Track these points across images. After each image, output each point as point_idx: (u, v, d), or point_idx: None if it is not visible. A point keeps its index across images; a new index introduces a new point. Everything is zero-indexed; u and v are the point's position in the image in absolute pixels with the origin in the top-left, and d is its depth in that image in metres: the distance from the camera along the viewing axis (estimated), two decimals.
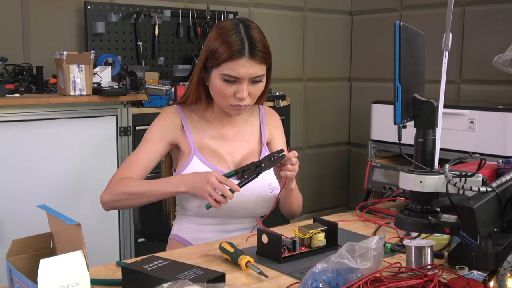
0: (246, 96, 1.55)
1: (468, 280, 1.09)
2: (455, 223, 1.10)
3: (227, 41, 1.52)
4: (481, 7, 3.58)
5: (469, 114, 2.98)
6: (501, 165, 1.72)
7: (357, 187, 4.47)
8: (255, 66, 1.53)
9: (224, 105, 1.60)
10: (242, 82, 1.54)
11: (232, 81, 1.54)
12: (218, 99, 1.60)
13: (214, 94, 1.60)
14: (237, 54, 1.51)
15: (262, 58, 1.54)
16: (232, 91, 1.55)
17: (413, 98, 1.14)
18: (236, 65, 1.52)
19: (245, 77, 1.53)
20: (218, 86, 1.56)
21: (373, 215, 1.72)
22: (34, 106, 2.55)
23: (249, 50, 1.52)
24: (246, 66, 1.52)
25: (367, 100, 3.79)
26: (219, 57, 1.53)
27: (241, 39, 1.52)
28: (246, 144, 1.71)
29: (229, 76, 1.53)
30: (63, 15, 3.15)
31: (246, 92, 1.55)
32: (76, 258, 0.92)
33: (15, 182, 2.54)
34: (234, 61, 1.51)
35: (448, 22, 1.79)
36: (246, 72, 1.53)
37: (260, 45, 1.54)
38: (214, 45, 1.55)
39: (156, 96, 2.97)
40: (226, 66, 1.52)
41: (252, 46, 1.52)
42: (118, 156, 2.83)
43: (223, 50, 1.52)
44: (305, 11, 4.20)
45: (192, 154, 1.63)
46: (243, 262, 1.23)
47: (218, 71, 1.54)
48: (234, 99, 1.56)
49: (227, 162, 1.65)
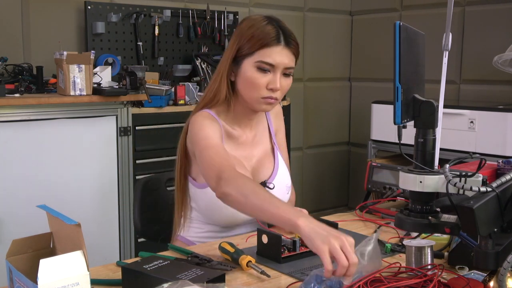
0: (279, 87, 1.51)
1: (468, 280, 1.09)
2: (455, 223, 1.11)
3: (262, 29, 1.50)
4: (481, 7, 3.58)
5: (469, 114, 2.98)
6: (501, 165, 1.72)
7: (357, 187, 4.47)
8: (289, 55, 1.51)
9: (255, 98, 1.53)
10: (276, 71, 1.50)
11: (266, 70, 1.50)
12: (249, 91, 1.53)
13: (244, 86, 1.53)
14: (274, 40, 1.49)
15: (295, 49, 1.53)
16: (265, 81, 1.50)
17: (413, 98, 1.14)
18: (273, 52, 1.49)
19: (280, 65, 1.50)
20: (250, 76, 1.50)
21: (373, 215, 1.72)
22: (34, 106, 2.55)
23: (284, 38, 1.50)
24: (282, 54, 1.50)
25: (367, 100, 3.79)
26: (253, 44, 1.49)
27: (275, 28, 1.51)
28: (261, 146, 1.68)
29: (265, 64, 1.49)
30: (63, 15, 3.15)
31: (279, 83, 1.50)
32: (76, 258, 0.92)
33: (15, 182, 2.54)
34: (270, 47, 1.48)
35: (448, 22, 1.79)
36: (281, 60, 1.50)
37: (293, 36, 1.53)
38: (247, 34, 1.51)
39: (156, 96, 2.97)
40: (262, 53, 1.49)
41: (286, 35, 1.51)
42: (118, 156, 2.83)
43: (258, 37, 1.49)
44: (305, 11, 4.20)
45: None
46: (244, 262, 1.23)
47: (252, 59, 1.50)
48: (266, 91, 1.51)
49: (244, 166, 1.61)
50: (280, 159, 1.69)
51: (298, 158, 4.22)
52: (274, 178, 1.64)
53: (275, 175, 1.65)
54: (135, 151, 2.91)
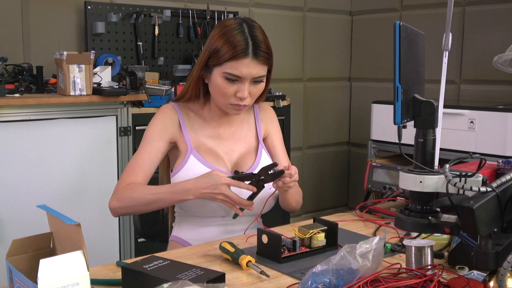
0: (247, 96, 1.55)
1: (468, 280, 1.09)
2: (455, 223, 1.10)
3: (231, 40, 1.52)
4: (481, 7, 3.58)
5: (469, 114, 2.98)
6: (501, 165, 1.72)
7: (357, 187, 4.47)
8: (258, 66, 1.53)
9: (224, 104, 1.59)
10: (244, 81, 1.54)
11: (234, 80, 1.54)
12: (218, 97, 1.59)
13: (214, 92, 1.60)
14: (241, 53, 1.51)
15: (265, 59, 1.55)
16: (233, 90, 1.55)
17: (413, 98, 1.14)
18: (240, 64, 1.51)
19: (247, 77, 1.53)
20: (219, 84, 1.55)
21: (373, 215, 1.72)
22: (34, 106, 2.55)
23: (253, 50, 1.52)
24: (250, 66, 1.52)
25: (367, 100, 3.79)
26: (222, 56, 1.52)
27: (245, 38, 1.52)
28: (243, 143, 1.71)
29: (231, 75, 1.52)
30: (63, 15, 3.15)
31: (247, 92, 1.55)
32: (76, 258, 0.92)
33: (15, 182, 2.54)
34: (237, 60, 1.51)
35: (448, 22, 1.79)
36: (249, 72, 1.52)
37: (263, 45, 1.54)
38: (218, 43, 1.54)
39: (156, 96, 2.97)
40: (229, 65, 1.52)
41: (256, 46, 1.52)
42: (118, 156, 2.84)
43: (226, 49, 1.51)
44: (305, 11, 4.20)
45: (188, 153, 1.62)
46: (244, 261, 1.23)
47: (221, 69, 1.54)
48: (235, 98, 1.56)
49: (224, 161, 1.65)
50: (264, 156, 1.70)
51: (298, 158, 4.22)
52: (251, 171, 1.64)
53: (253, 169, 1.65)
54: (135, 151, 2.89)
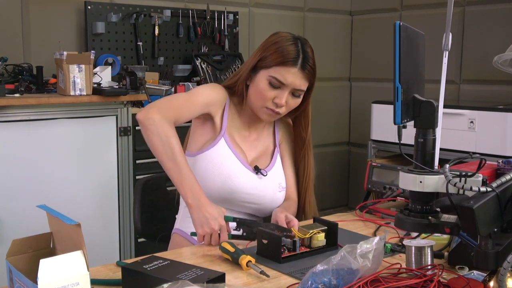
0: (283, 104, 1.61)
1: (468, 280, 1.09)
2: (455, 223, 1.10)
3: (285, 48, 1.60)
4: (481, 7, 3.58)
5: (469, 114, 2.98)
6: (501, 165, 1.72)
7: (357, 187, 4.46)
8: (302, 79, 1.60)
9: (259, 106, 1.64)
10: (285, 89, 1.60)
11: (276, 87, 1.60)
12: (256, 99, 1.64)
13: (253, 94, 1.64)
14: (291, 62, 1.58)
15: (310, 74, 1.62)
16: (273, 95, 1.60)
17: (413, 98, 1.14)
18: (287, 72, 1.58)
19: (290, 85, 1.59)
20: (261, 86, 1.61)
21: (373, 215, 1.72)
22: (34, 106, 2.55)
23: (302, 62, 1.59)
24: (295, 76, 1.59)
25: (367, 100, 3.79)
26: (273, 60, 1.59)
27: (297, 50, 1.60)
28: (263, 143, 1.76)
29: (276, 80, 1.59)
30: (63, 15, 3.15)
31: (285, 100, 1.60)
32: (76, 258, 0.92)
33: (15, 182, 2.54)
34: (285, 67, 1.58)
35: (448, 22, 1.79)
36: (293, 81, 1.59)
37: (311, 62, 1.63)
38: (272, 48, 1.61)
39: (156, 96, 2.97)
40: (276, 70, 1.59)
41: (305, 60, 1.60)
42: (118, 156, 2.84)
43: (278, 54, 1.59)
44: (305, 11, 4.20)
45: (221, 135, 1.66)
46: (244, 261, 1.23)
47: (267, 72, 1.60)
48: (272, 103, 1.61)
49: (245, 156, 1.69)
50: (278, 161, 1.75)
51: None
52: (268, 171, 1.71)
53: (269, 170, 1.71)
54: (135, 151, 2.91)
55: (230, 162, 1.63)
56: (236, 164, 1.64)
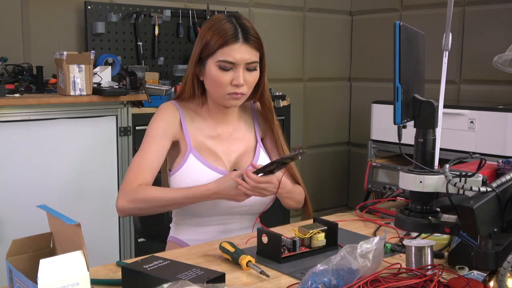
0: (242, 83, 1.56)
1: (468, 280, 1.09)
2: (455, 223, 1.10)
3: (221, 28, 1.56)
4: (481, 7, 3.58)
5: (469, 114, 2.98)
6: (501, 165, 1.72)
7: (357, 187, 4.46)
8: (249, 51, 1.56)
9: (221, 95, 1.60)
10: (238, 68, 1.56)
11: (228, 69, 1.56)
12: (215, 89, 1.59)
13: (210, 85, 1.60)
14: (232, 39, 1.54)
15: (256, 44, 1.58)
16: (229, 78, 1.56)
17: (413, 98, 1.14)
18: (231, 49, 1.54)
19: (240, 62, 1.55)
20: (214, 74, 1.57)
21: (373, 215, 1.72)
22: (34, 106, 2.55)
23: (242, 35, 1.55)
24: (241, 51, 1.55)
25: (367, 100, 3.79)
26: (213, 44, 1.55)
27: (234, 25, 1.56)
28: (241, 142, 1.70)
29: (225, 62, 1.55)
30: (63, 15, 3.15)
31: (242, 79, 1.56)
32: (76, 258, 0.92)
33: (15, 182, 2.54)
34: (228, 46, 1.54)
35: (448, 22, 1.79)
36: (241, 56, 1.55)
37: (252, 31, 1.58)
38: (207, 35, 1.57)
39: (156, 96, 2.97)
40: (221, 53, 1.55)
41: (244, 32, 1.56)
42: (118, 156, 2.83)
43: (217, 37, 1.55)
44: (305, 11, 4.20)
45: (188, 152, 1.62)
46: (244, 261, 1.23)
47: (214, 59, 1.56)
48: (231, 87, 1.57)
49: (223, 161, 1.65)
50: (262, 156, 1.70)
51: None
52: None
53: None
54: (135, 151, 2.90)
55: (204, 176, 1.58)
56: (212, 176, 1.58)
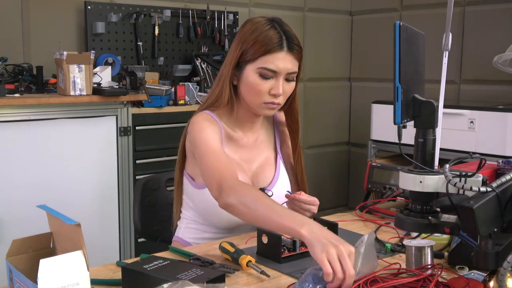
0: (281, 93, 1.51)
1: (468, 280, 1.09)
2: (455, 223, 1.10)
3: (265, 34, 1.49)
4: (481, 7, 3.58)
5: (469, 114, 2.98)
6: (501, 165, 1.72)
7: (357, 187, 4.47)
8: (292, 61, 1.51)
9: (257, 104, 1.53)
10: (278, 77, 1.50)
11: (268, 77, 1.50)
12: (252, 96, 1.53)
13: (246, 91, 1.54)
14: (277, 47, 1.48)
15: (298, 53, 1.53)
16: (268, 87, 1.50)
17: (413, 98, 1.14)
18: (275, 58, 1.48)
19: (282, 71, 1.49)
20: (252, 82, 1.50)
21: (373, 215, 1.72)
22: (34, 106, 2.55)
23: (287, 44, 1.49)
24: (285, 60, 1.49)
25: (367, 100, 3.79)
26: (256, 50, 1.49)
27: (278, 33, 1.50)
28: (262, 152, 1.67)
29: (266, 70, 1.49)
30: (63, 15, 3.15)
31: (281, 88, 1.50)
32: (76, 258, 0.92)
33: (15, 182, 2.54)
34: (273, 54, 1.48)
35: (448, 22, 1.79)
36: (284, 66, 1.49)
37: (296, 40, 1.52)
38: (251, 38, 1.50)
39: (156, 96, 2.97)
40: (264, 60, 1.48)
41: (289, 40, 1.50)
42: (118, 156, 2.84)
43: (260, 43, 1.48)
44: (305, 11, 4.20)
45: None
46: (244, 261, 1.23)
47: (255, 65, 1.50)
48: (269, 96, 1.51)
49: (243, 169, 1.61)
50: (282, 169, 1.68)
51: None
52: (273, 186, 1.63)
53: (274, 183, 1.64)
54: (135, 151, 2.91)
55: None
56: None
